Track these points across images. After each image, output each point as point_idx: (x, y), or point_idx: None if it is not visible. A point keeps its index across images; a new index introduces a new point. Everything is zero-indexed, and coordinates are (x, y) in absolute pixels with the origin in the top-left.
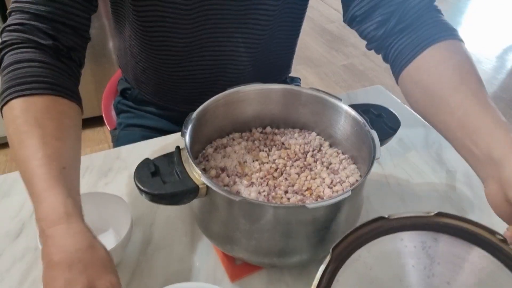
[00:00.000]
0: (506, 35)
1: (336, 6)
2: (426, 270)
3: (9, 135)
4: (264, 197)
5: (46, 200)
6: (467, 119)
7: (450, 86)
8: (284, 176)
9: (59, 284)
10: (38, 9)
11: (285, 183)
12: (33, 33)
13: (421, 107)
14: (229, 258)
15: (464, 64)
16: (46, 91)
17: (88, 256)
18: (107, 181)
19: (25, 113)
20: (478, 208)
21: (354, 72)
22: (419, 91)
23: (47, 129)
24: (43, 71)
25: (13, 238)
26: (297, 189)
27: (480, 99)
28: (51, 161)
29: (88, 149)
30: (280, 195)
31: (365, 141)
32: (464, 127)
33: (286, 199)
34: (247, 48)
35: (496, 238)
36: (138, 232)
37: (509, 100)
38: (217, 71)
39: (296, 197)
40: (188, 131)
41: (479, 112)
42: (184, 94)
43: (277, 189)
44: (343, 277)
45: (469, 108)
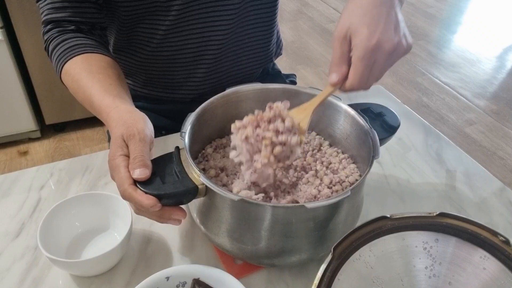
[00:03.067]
0: (506, 35)
1: (336, 6)
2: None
3: (71, 89)
4: (264, 197)
5: (102, 105)
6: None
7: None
8: (284, 176)
9: (112, 150)
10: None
11: (285, 183)
12: (62, 25)
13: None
14: (229, 258)
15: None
16: (83, 51)
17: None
18: (107, 180)
19: (74, 69)
20: (478, 208)
21: None
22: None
23: (92, 70)
24: (78, 40)
25: (13, 238)
26: (296, 189)
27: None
28: (100, 85)
29: (88, 149)
30: (279, 195)
31: (365, 141)
32: None
33: (286, 199)
34: (224, 20)
35: (498, 239)
36: (138, 232)
37: (509, 100)
38: (199, 47)
39: (295, 197)
40: (187, 131)
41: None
42: (171, 77)
43: (276, 189)
44: (344, 276)
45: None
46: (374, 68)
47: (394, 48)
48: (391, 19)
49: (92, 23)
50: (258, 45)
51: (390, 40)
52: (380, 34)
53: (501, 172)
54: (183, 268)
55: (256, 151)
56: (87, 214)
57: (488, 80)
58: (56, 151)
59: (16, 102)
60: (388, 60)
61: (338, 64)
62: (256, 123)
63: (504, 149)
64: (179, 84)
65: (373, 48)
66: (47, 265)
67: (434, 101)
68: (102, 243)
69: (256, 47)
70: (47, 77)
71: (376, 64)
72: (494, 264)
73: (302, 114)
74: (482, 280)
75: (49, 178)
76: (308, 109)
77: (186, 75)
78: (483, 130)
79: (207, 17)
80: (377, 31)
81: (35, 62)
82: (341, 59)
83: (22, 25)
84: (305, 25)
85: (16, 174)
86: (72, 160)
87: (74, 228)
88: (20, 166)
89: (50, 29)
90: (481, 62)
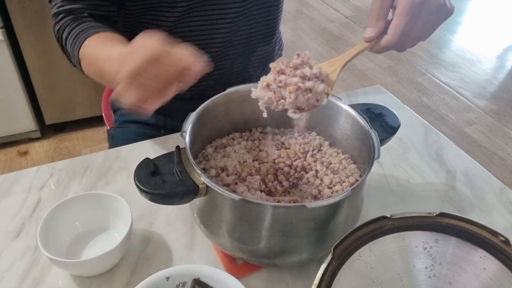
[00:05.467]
0: (506, 35)
1: (336, 6)
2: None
3: (89, 72)
4: (264, 196)
5: (102, 57)
6: None
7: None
8: (284, 176)
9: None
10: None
11: (285, 183)
12: (75, 14)
13: None
14: (229, 258)
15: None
16: (100, 31)
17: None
18: (106, 180)
19: (86, 50)
20: (478, 208)
21: (354, 72)
22: None
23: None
24: (94, 23)
25: (13, 238)
26: (297, 189)
27: None
28: (104, 44)
29: (88, 149)
30: (280, 195)
31: (365, 141)
32: None
33: (286, 198)
34: (228, 18)
35: (498, 239)
36: (138, 232)
37: (509, 100)
38: (202, 44)
39: (296, 197)
40: (188, 131)
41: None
42: None
43: (277, 188)
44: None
45: None
46: (416, 25)
47: (439, 5)
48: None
49: (105, 16)
50: (260, 43)
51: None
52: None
53: (501, 172)
54: (183, 268)
55: (279, 98)
56: (87, 214)
57: (488, 80)
58: (56, 151)
59: (16, 102)
60: (433, 18)
61: (377, 18)
62: (280, 71)
63: (504, 149)
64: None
65: (420, 1)
66: (47, 265)
67: (434, 101)
68: (102, 243)
69: (258, 45)
70: (47, 77)
71: (419, 20)
72: (494, 264)
73: (332, 66)
74: (482, 280)
75: (49, 178)
76: (339, 62)
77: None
78: (483, 130)
79: (211, 14)
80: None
81: (35, 62)
82: (380, 13)
83: (22, 25)
84: (305, 25)
85: (16, 174)
86: (72, 160)
87: (74, 228)
88: (20, 166)
89: (63, 17)
90: (481, 62)
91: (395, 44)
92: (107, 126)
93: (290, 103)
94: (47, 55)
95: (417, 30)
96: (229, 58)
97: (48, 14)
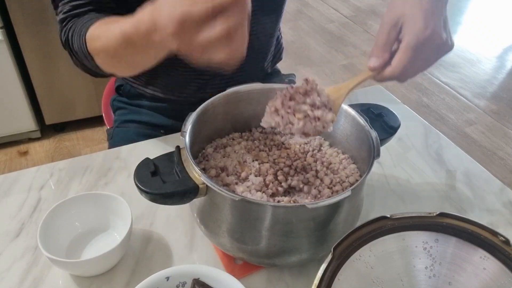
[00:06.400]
0: (506, 35)
1: (336, 6)
2: (427, 270)
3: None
4: (264, 196)
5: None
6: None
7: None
8: (284, 176)
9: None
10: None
11: (285, 183)
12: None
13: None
14: (229, 258)
15: None
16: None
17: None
18: (106, 180)
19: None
20: (478, 208)
21: (354, 72)
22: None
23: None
24: (93, 15)
25: (13, 238)
26: (297, 189)
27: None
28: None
29: (88, 149)
30: (279, 195)
31: (365, 141)
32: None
33: (286, 198)
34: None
35: (498, 239)
36: (138, 232)
37: (509, 100)
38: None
39: (296, 197)
40: (188, 131)
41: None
42: (173, 79)
43: (276, 188)
44: (344, 276)
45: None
46: (419, 60)
47: (442, 43)
48: (442, 17)
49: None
50: (257, 55)
51: (440, 35)
52: (432, 28)
53: (501, 172)
54: (183, 268)
55: (287, 123)
56: (87, 214)
57: (488, 80)
58: (56, 151)
59: (16, 102)
60: (434, 55)
61: (382, 49)
62: (289, 95)
63: (504, 149)
64: (180, 87)
65: (425, 39)
66: (47, 265)
67: (434, 101)
68: (102, 243)
69: (256, 56)
70: (47, 77)
71: (421, 56)
72: (494, 264)
73: (336, 93)
74: (482, 280)
75: (49, 178)
76: (343, 90)
77: (189, 79)
78: (483, 130)
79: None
80: (431, 25)
81: (35, 62)
82: (386, 45)
83: (22, 25)
84: (305, 25)
85: (16, 174)
86: (72, 160)
87: (74, 228)
88: (20, 166)
89: (69, 21)
90: (481, 62)
91: (397, 76)
92: (107, 126)
93: (298, 129)
94: (47, 55)
95: (419, 64)
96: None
97: (49, 14)
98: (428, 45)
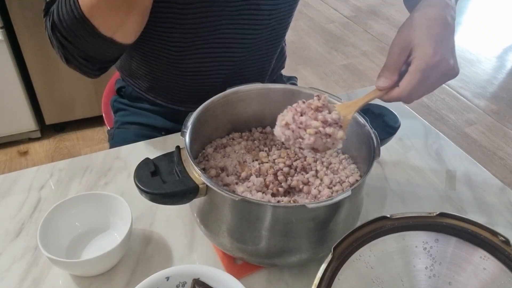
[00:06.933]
0: (506, 35)
1: (336, 6)
2: (427, 270)
3: (94, 6)
4: (264, 196)
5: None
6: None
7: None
8: (284, 176)
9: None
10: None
11: (285, 183)
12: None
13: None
14: (229, 258)
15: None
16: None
17: None
18: (106, 180)
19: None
20: (477, 208)
21: (354, 72)
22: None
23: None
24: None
25: (12, 238)
26: (297, 189)
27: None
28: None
29: (88, 149)
30: (280, 195)
31: (365, 141)
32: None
33: (286, 198)
34: (238, 47)
35: (498, 239)
36: (138, 232)
37: (509, 100)
38: (209, 70)
39: (296, 197)
40: (188, 131)
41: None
42: (175, 92)
43: (276, 188)
44: (344, 276)
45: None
46: (425, 84)
47: (449, 69)
48: (451, 44)
49: None
50: (259, 68)
51: (448, 62)
52: (441, 54)
53: (501, 172)
54: (183, 268)
55: (297, 137)
56: (87, 214)
57: (488, 80)
58: (56, 151)
59: (16, 102)
60: (440, 79)
61: (392, 71)
62: (300, 110)
63: (504, 149)
64: (182, 98)
65: (433, 65)
66: (47, 265)
67: (434, 101)
68: (102, 243)
69: (257, 69)
70: (47, 77)
71: (428, 80)
72: (494, 264)
73: (345, 110)
74: (482, 280)
75: (49, 178)
76: (351, 107)
77: (190, 92)
78: (483, 130)
79: (225, 42)
80: (440, 52)
81: (35, 62)
82: (395, 67)
83: (22, 25)
84: (305, 25)
85: (16, 174)
86: (72, 160)
87: (74, 228)
88: (20, 166)
89: (51, 6)
90: (481, 62)
91: (404, 97)
92: (107, 126)
93: (308, 144)
94: (47, 55)
95: (425, 87)
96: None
97: None
98: (436, 70)
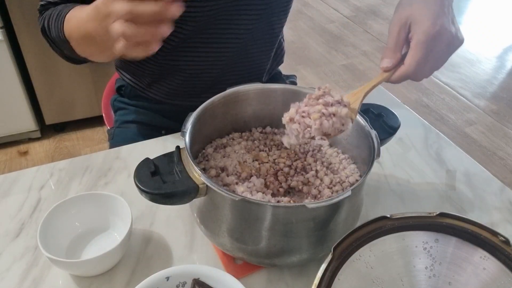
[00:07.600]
0: (506, 35)
1: (336, 6)
2: (427, 270)
3: (72, 33)
4: (264, 196)
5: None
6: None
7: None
8: (284, 176)
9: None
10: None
11: (285, 183)
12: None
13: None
14: (229, 258)
15: None
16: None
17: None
18: (106, 180)
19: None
20: (478, 208)
21: (354, 72)
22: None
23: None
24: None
25: (12, 238)
26: (297, 189)
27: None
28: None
29: (88, 149)
30: (280, 195)
31: (365, 141)
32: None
33: (286, 198)
34: (234, 41)
35: (498, 239)
36: (138, 232)
37: (509, 100)
38: (206, 62)
39: (296, 197)
40: (188, 131)
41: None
42: (174, 85)
43: (276, 188)
44: (344, 276)
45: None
46: (431, 57)
47: (452, 38)
48: (449, 13)
49: None
50: (256, 63)
51: (449, 30)
52: (440, 24)
53: (501, 172)
54: (183, 268)
55: (305, 127)
56: (87, 214)
57: (488, 80)
58: (56, 151)
59: (16, 102)
60: (445, 50)
61: (393, 50)
62: (304, 103)
63: (504, 149)
64: (181, 93)
65: (434, 35)
66: (47, 265)
67: (434, 101)
68: (102, 243)
69: (255, 64)
70: (47, 77)
71: (433, 53)
72: (494, 264)
73: (353, 97)
74: (482, 280)
75: (49, 178)
76: (359, 94)
77: (190, 86)
78: (483, 130)
79: (221, 33)
80: (439, 22)
81: (35, 62)
82: (396, 45)
83: (22, 25)
84: (305, 25)
85: (16, 174)
86: (72, 160)
87: (74, 228)
88: (20, 166)
89: (47, 9)
90: (481, 62)
91: (411, 74)
92: (107, 126)
93: (316, 130)
94: (47, 55)
95: (432, 61)
96: (230, 77)
97: None
98: (439, 40)
